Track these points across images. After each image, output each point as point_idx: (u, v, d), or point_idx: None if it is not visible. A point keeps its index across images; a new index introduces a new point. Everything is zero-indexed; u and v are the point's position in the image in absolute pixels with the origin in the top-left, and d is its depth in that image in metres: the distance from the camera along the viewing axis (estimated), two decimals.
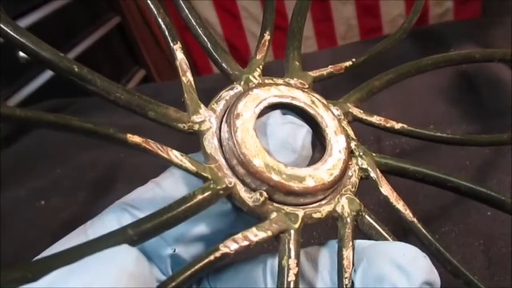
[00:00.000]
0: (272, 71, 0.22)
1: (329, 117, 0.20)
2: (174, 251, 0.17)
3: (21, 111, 0.14)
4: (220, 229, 0.18)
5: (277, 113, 0.20)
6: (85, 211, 0.36)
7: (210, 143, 0.18)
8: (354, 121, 0.22)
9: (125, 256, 0.12)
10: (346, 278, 0.16)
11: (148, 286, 0.12)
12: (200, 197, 0.16)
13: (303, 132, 0.19)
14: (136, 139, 0.16)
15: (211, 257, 0.15)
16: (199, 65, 0.78)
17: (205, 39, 0.21)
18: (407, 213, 0.19)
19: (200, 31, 0.21)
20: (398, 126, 0.22)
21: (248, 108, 0.19)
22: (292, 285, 0.15)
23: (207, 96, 0.20)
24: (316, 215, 0.18)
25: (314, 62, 0.25)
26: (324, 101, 0.21)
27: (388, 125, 0.22)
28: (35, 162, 0.43)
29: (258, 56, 0.21)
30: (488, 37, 0.44)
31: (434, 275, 0.15)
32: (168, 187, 0.18)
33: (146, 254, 0.18)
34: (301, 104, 0.20)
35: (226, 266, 0.19)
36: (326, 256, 0.17)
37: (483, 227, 0.21)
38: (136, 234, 0.15)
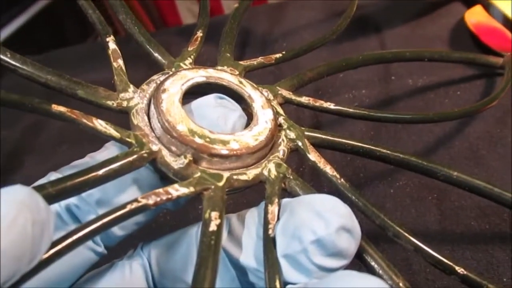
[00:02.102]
0: None
1: (256, 95, 0.21)
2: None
3: None
4: None
5: (211, 96, 0.20)
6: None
7: (138, 116, 0.19)
8: (285, 102, 0.23)
9: (17, 189, 0.12)
10: (270, 229, 0.16)
11: (44, 218, 0.12)
12: (123, 160, 0.17)
13: (235, 115, 0.20)
14: (60, 108, 0.17)
15: (128, 207, 0.15)
16: (169, 19, 0.79)
17: (140, 36, 0.23)
18: (335, 175, 0.19)
19: (135, 29, 0.23)
20: (326, 105, 0.23)
21: (174, 85, 0.20)
22: (213, 235, 0.15)
23: None
24: (243, 177, 0.18)
25: None
26: (254, 84, 0.22)
27: (317, 104, 0.23)
28: None
29: (190, 48, 0.23)
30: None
31: (352, 222, 0.15)
32: (101, 160, 0.19)
33: (79, 219, 0.18)
34: (228, 84, 0.21)
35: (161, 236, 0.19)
36: (255, 214, 0.18)
37: (437, 182, 0.22)
38: (54, 190, 0.15)
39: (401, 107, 0.35)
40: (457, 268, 0.17)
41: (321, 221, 0.15)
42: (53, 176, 0.18)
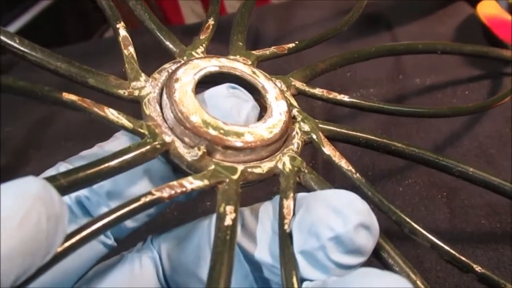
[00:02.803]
0: None
1: (270, 86, 0.20)
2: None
3: None
4: None
5: (224, 86, 0.20)
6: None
7: (150, 106, 0.18)
8: (299, 94, 0.22)
9: (31, 182, 0.12)
10: (285, 224, 0.16)
11: (58, 212, 0.12)
12: (136, 151, 0.16)
13: (248, 106, 0.19)
14: (71, 97, 0.17)
15: (142, 200, 0.15)
16: (172, 19, 0.78)
17: (151, 23, 0.22)
18: (350, 169, 0.19)
19: (145, 16, 0.22)
20: (340, 97, 0.22)
21: (187, 74, 0.19)
22: (229, 230, 0.15)
23: None
24: (257, 170, 0.18)
25: None
26: (267, 75, 0.21)
27: (330, 96, 0.22)
28: None
29: (202, 37, 0.22)
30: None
31: (370, 218, 0.15)
32: (111, 150, 0.18)
33: (89, 212, 0.17)
34: (241, 74, 0.20)
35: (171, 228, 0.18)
36: (269, 208, 0.17)
37: (447, 179, 0.21)
38: (66, 181, 0.14)
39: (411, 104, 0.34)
40: (474, 266, 0.17)
41: (339, 217, 0.15)
42: (62, 166, 0.18)
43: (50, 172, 0.18)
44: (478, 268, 0.17)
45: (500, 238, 0.26)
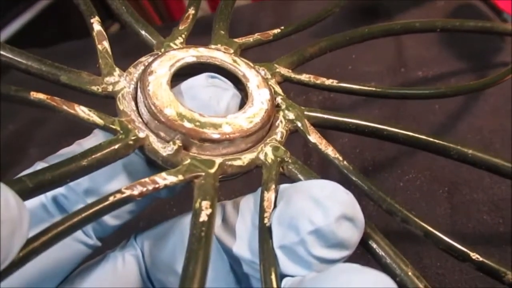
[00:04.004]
0: None
1: (251, 74, 0.20)
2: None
3: None
4: None
5: (202, 76, 0.19)
6: None
7: (124, 101, 0.17)
8: (284, 81, 0.21)
9: None
10: (266, 217, 0.15)
11: (14, 216, 0.11)
12: (107, 149, 0.16)
13: (228, 95, 0.18)
14: (39, 95, 0.16)
15: (111, 199, 0.14)
16: (176, 15, 0.78)
17: (128, 15, 0.21)
18: (337, 157, 0.18)
19: (122, 10, 0.21)
20: (328, 82, 0.21)
21: (162, 66, 0.18)
22: (204, 226, 0.14)
23: None
24: (237, 163, 0.17)
25: None
26: (250, 63, 0.21)
27: (318, 81, 0.21)
28: None
29: (181, 27, 0.21)
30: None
31: (354, 210, 0.14)
32: (88, 147, 0.18)
33: (66, 210, 0.17)
34: (221, 63, 0.19)
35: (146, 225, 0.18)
36: (250, 201, 0.16)
37: (448, 174, 0.20)
38: (32, 183, 0.14)
39: (412, 100, 0.33)
40: (471, 254, 0.16)
41: (319, 209, 0.14)
42: (39, 166, 0.17)
43: (27, 172, 0.17)
44: (475, 256, 0.16)
45: (502, 234, 0.25)
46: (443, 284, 0.22)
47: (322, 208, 0.14)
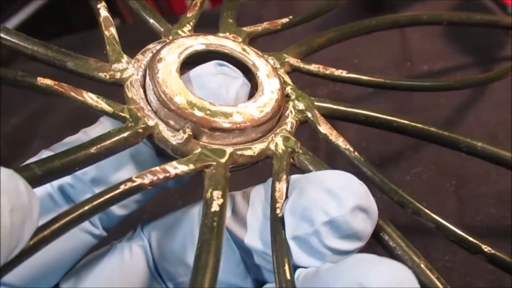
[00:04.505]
0: None
1: (261, 63, 0.19)
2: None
3: None
4: None
5: (211, 64, 0.18)
6: None
7: (133, 89, 0.17)
8: (293, 71, 0.21)
9: None
10: (277, 208, 0.15)
11: (25, 203, 0.11)
12: (116, 137, 0.15)
13: (237, 84, 0.18)
14: (46, 81, 0.16)
15: (122, 187, 0.14)
16: (177, 11, 0.77)
17: (135, 2, 0.21)
18: (348, 148, 0.18)
19: None
20: (337, 72, 0.21)
21: (171, 54, 0.18)
22: (216, 216, 0.14)
23: None
24: (247, 153, 0.17)
25: None
26: (259, 52, 0.20)
27: (327, 72, 0.21)
28: None
29: (189, 14, 0.21)
30: None
31: (368, 201, 0.14)
32: (95, 135, 0.17)
33: (73, 200, 0.17)
34: (230, 51, 0.19)
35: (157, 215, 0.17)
36: (261, 192, 0.16)
37: (456, 168, 0.20)
38: (41, 171, 0.14)
39: (418, 94, 0.33)
40: (483, 247, 0.16)
41: (333, 200, 0.14)
42: (44, 154, 0.17)
43: (32, 160, 0.17)
44: (487, 249, 0.16)
45: (510, 227, 0.24)
46: (451, 277, 0.22)
47: (337, 199, 0.14)
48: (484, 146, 0.20)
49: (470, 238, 0.16)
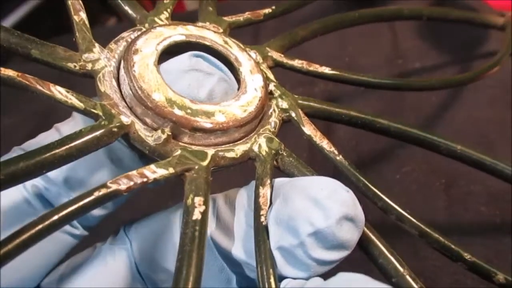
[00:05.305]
0: None
1: (244, 58, 0.18)
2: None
3: None
4: None
5: (185, 56, 0.16)
6: None
7: (105, 82, 0.16)
8: (276, 66, 0.20)
9: None
10: (261, 216, 0.14)
11: None
12: (87, 136, 0.14)
13: (212, 81, 0.16)
14: (9, 72, 0.14)
15: (96, 194, 0.13)
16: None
17: None
18: (332, 150, 0.17)
19: None
20: (321, 69, 0.20)
21: (149, 45, 0.17)
22: (197, 225, 0.13)
23: None
24: (230, 154, 0.16)
25: None
26: (241, 44, 0.19)
27: (311, 68, 0.20)
28: None
29: (166, 0, 0.20)
30: None
31: (355, 210, 0.13)
32: (67, 132, 0.16)
33: (51, 204, 0.16)
34: (211, 43, 0.18)
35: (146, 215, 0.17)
36: (244, 196, 0.15)
37: (445, 166, 0.20)
38: (3, 174, 0.12)
39: (409, 92, 0.32)
40: (465, 254, 0.16)
41: (319, 210, 0.13)
42: (15, 152, 0.16)
43: (4, 158, 0.15)
44: (468, 257, 0.16)
45: (499, 225, 0.25)
46: (440, 276, 0.23)
47: (323, 209, 0.13)
48: (463, 149, 0.20)
49: (452, 246, 0.16)
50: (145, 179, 0.14)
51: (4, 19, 0.55)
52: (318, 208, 0.13)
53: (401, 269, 0.15)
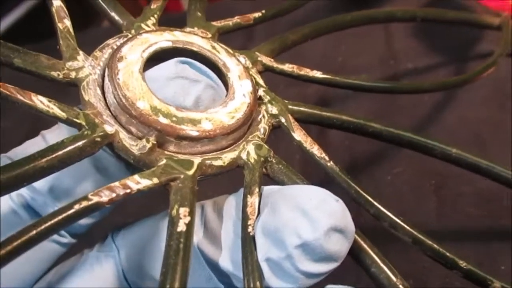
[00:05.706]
0: None
1: (232, 63, 0.18)
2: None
3: None
4: None
5: (171, 62, 0.16)
6: None
7: (89, 90, 0.15)
8: (266, 70, 0.20)
9: None
10: (249, 226, 0.14)
11: None
12: (70, 146, 0.14)
13: (198, 88, 0.16)
14: None
15: (76, 207, 0.12)
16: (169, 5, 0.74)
17: None
18: (323, 157, 0.17)
19: None
20: (312, 73, 0.20)
21: (134, 51, 0.16)
22: (182, 237, 0.13)
23: None
24: (217, 163, 0.15)
25: None
26: (230, 49, 0.19)
27: (301, 72, 0.20)
28: None
29: (153, 6, 0.19)
30: None
31: (344, 220, 0.13)
32: (52, 140, 0.16)
33: (38, 214, 0.16)
34: (199, 49, 0.18)
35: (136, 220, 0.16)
36: (232, 205, 0.15)
37: (436, 168, 0.20)
38: None
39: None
40: (460, 262, 0.15)
41: (307, 222, 0.13)
42: (1, 161, 0.15)
43: None
44: (463, 264, 0.15)
45: (489, 226, 0.25)
46: (430, 278, 0.22)
47: (310, 220, 0.13)
48: (458, 152, 0.19)
49: (447, 254, 0.16)
50: (128, 190, 0.13)
51: (3, 19, 0.55)
52: (306, 219, 0.13)
53: (394, 278, 0.14)
